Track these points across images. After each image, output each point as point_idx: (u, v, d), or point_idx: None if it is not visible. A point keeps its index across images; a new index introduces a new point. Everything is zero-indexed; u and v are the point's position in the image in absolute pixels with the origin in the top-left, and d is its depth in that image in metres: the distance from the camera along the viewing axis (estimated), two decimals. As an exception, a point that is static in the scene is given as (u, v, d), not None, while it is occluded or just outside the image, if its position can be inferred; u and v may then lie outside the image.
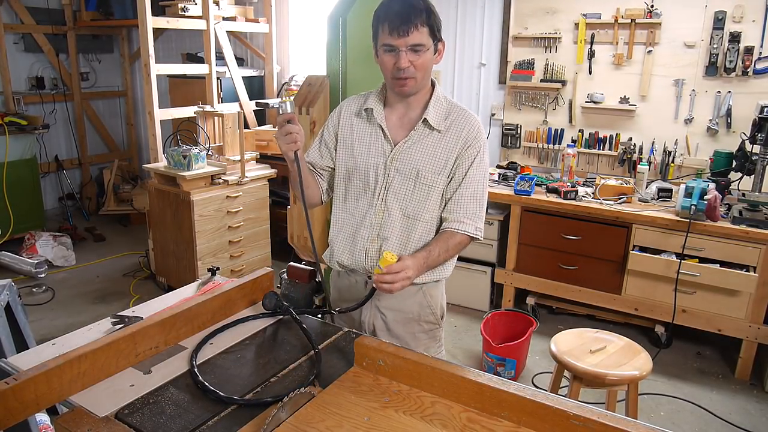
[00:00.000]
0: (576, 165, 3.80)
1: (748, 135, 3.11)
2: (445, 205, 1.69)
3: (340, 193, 1.78)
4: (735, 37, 3.34)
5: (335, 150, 1.79)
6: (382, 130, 1.68)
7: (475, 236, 1.67)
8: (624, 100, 3.75)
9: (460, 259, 1.85)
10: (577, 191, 3.42)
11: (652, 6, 3.55)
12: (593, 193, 3.46)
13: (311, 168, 1.80)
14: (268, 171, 4.25)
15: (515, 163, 4.03)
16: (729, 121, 3.46)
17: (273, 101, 4.86)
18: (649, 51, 3.62)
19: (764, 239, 2.93)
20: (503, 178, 3.76)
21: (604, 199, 3.37)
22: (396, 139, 1.68)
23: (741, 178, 3.29)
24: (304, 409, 1.22)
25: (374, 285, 1.53)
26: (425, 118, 1.64)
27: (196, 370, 1.35)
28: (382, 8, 1.56)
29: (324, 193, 1.82)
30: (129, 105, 6.42)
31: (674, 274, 3.08)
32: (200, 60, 4.64)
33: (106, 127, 6.30)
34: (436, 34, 1.57)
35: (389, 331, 1.77)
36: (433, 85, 1.70)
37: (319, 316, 1.73)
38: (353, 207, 1.74)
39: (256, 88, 5.16)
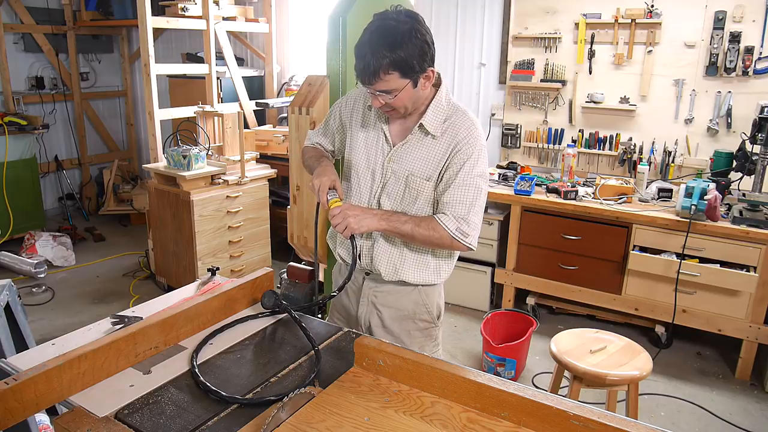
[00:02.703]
0: (576, 165, 3.80)
1: (749, 135, 3.10)
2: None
3: (344, 185, 1.82)
4: (735, 37, 3.34)
5: (340, 141, 1.85)
6: (383, 131, 1.70)
7: (455, 236, 1.59)
8: (624, 100, 3.75)
9: (460, 259, 1.85)
10: (577, 191, 3.42)
11: (652, 6, 3.55)
12: (593, 193, 3.46)
13: (320, 146, 1.92)
14: (268, 171, 4.25)
15: (515, 163, 4.03)
16: (729, 121, 3.46)
17: (273, 101, 4.86)
18: (649, 51, 3.62)
19: (764, 239, 2.93)
20: (503, 178, 3.76)
21: (604, 199, 3.37)
22: (395, 141, 1.69)
23: (741, 178, 3.29)
24: (304, 409, 1.22)
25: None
26: (421, 123, 1.63)
27: (197, 370, 1.35)
28: (356, 46, 1.52)
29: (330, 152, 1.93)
30: (129, 105, 6.41)
31: (674, 274, 3.08)
32: (200, 60, 4.63)
33: (105, 127, 6.30)
34: (410, 71, 1.49)
35: (384, 328, 1.79)
36: (438, 85, 1.66)
37: (319, 316, 1.74)
38: (355, 201, 1.77)
39: (256, 88, 5.16)
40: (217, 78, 4.57)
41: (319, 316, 1.77)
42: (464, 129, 1.62)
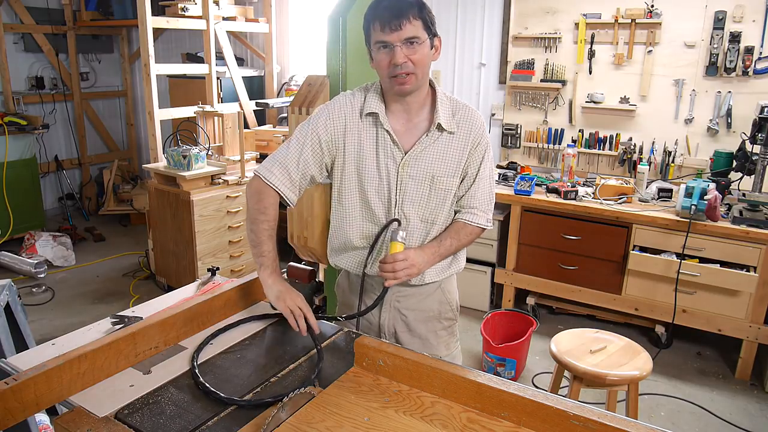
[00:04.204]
0: (576, 165, 3.80)
1: (749, 135, 3.10)
2: (457, 201, 1.70)
3: (354, 201, 1.67)
4: (735, 37, 3.34)
5: (330, 156, 1.65)
6: (390, 135, 1.61)
7: (486, 227, 1.73)
8: (624, 100, 3.75)
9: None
10: (577, 191, 3.42)
11: (652, 6, 3.55)
12: (593, 193, 3.46)
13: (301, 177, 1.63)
14: (268, 171, 4.24)
15: (515, 163, 4.03)
16: (729, 121, 3.46)
17: (273, 101, 4.86)
18: (649, 51, 3.62)
19: (764, 239, 2.93)
20: (503, 178, 3.76)
21: (604, 199, 3.37)
22: (405, 145, 1.62)
23: (741, 178, 3.29)
24: (304, 409, 1.22)
25: (381, 276, 1.57)
26: (439, 123, 1.59)
27: (197, 371, 1.35)
28: (371, 8, 1.53)
29: (292, 202, 1.61)
30: (129, 105, 6.41)
31: (674, 274, 3.08)
32: (200, 60, 4.64)
33: (105, 127, 6.30)
34: (430, 28, 1.52)
35: (411, 332, 1.75)
36: (432, 87, 1.65)
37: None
38: (371, 215, 1.67)
39: (256, 88, 5.16)
40: (217, 78, 4.57)
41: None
42: (477, 123, 1.66)
